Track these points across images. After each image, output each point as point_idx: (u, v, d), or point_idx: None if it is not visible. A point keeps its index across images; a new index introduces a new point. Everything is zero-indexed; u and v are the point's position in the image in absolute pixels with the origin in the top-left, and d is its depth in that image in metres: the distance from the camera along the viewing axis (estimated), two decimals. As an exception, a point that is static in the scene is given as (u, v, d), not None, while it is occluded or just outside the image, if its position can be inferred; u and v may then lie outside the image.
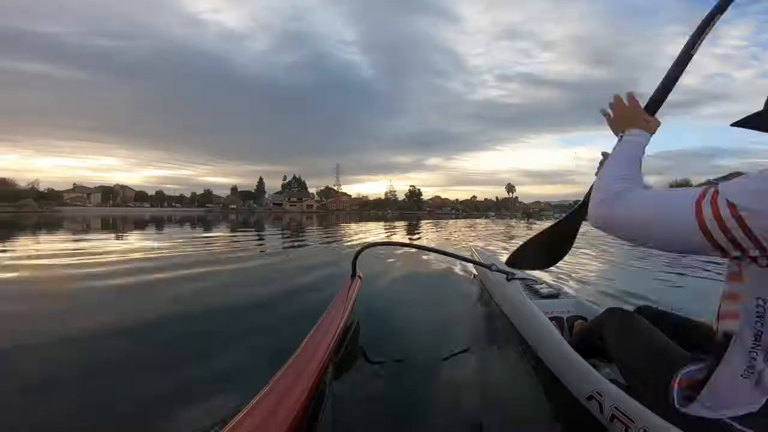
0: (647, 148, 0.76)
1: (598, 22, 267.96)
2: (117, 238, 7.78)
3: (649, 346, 0.89)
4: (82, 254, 4.90)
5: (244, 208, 74.92)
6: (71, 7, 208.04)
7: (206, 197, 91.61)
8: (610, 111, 0.85)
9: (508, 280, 2.08)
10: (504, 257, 2.30)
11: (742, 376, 0.66)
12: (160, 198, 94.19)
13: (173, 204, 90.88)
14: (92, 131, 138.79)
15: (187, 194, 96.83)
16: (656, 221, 0.58)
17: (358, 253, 2.17)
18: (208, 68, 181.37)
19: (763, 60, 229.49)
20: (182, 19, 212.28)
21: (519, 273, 2.18)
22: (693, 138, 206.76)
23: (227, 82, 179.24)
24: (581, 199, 1.18)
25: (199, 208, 71.66)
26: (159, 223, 14.44)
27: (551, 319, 1.59)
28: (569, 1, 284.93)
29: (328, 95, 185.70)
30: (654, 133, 0.78)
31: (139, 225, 13.18)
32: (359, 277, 2.14)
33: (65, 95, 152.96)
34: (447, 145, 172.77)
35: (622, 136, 0.79)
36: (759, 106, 0.68)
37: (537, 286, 2.13)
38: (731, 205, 0.51)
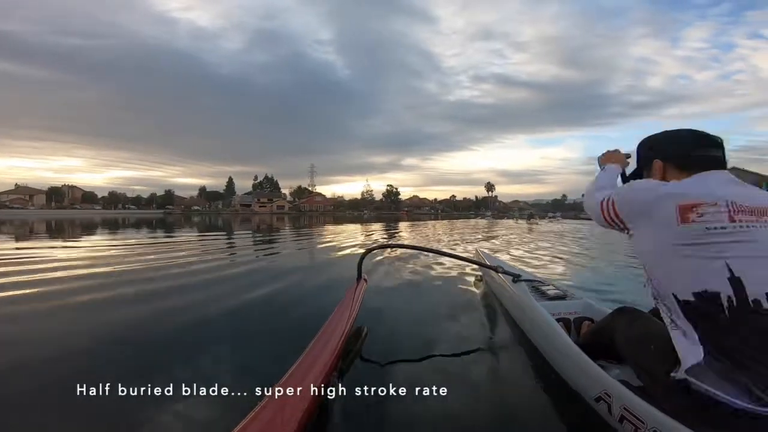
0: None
1: (569, 24, 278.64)
2: None
3: (660, 344, 0.88)
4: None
5: (209, 210, 70.73)
6: (32, 5, 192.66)
7: (167, 198, 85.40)
8: (602, 156, 1.28)
9: (515, 281, 2.07)
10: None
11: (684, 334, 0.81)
12: (113, 199, 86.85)
13: (127, 206, 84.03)
14: (55, 132, 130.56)
15: (153, 196, 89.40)
16: (588, 209, 1.07)
17: (364, 255, 2.19)
18: (179, 67, 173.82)
19: (723, 62, 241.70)
20: (151, 17, 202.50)
21: (525, 275, 2.24)
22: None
23: (199, 81, 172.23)
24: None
25: (158, 210, 66.78)
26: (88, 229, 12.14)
27: (558, 320, 1.55)
28: (541, 3, 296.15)
29: (303, 95, 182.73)
30: (626, 167, 1.21)
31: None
32: (365, 279, 2.13)
33: (26, 95, 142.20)
34: (423, 146, 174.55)
35: (604, 167, 1.19)
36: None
37: (544, 288, 2.06)
38: (613, 201, 0.94)
